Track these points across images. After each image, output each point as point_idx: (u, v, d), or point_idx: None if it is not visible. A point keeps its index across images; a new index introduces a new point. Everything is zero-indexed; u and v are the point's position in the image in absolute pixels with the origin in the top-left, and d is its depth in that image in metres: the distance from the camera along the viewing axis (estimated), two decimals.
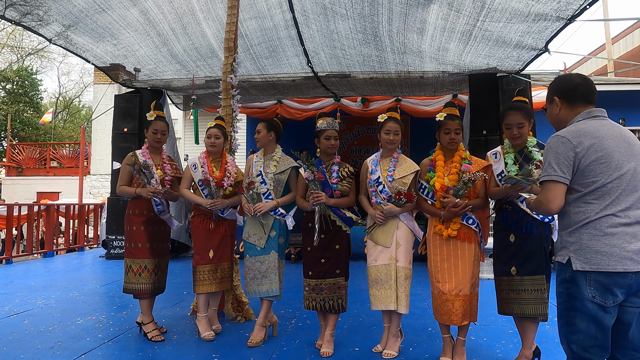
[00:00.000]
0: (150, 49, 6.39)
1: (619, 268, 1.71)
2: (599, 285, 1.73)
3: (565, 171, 1.80)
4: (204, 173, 3.47)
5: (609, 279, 1.72)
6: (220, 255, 3.50)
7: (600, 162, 1.77)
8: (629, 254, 1.71)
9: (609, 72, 12.38)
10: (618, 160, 1.77)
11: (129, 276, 3.42)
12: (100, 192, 16.91)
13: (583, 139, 1.80)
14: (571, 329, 1.80)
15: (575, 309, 1.78)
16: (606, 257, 1.73)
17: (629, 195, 1.76)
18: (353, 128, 10.55)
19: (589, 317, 1.75)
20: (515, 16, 4.54)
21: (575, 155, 1.79)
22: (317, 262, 3.17)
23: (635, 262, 1.71)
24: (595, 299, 1.74)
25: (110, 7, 5.26)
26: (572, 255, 1.80)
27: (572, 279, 1.79)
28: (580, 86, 1.95)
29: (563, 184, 1.81)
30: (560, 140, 1.83)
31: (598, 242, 1.75)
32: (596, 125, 1.85)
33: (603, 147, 1.78)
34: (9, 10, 4.73)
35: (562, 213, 1.88)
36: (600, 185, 1.77)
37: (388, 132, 3.13)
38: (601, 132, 1.82)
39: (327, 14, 5.26)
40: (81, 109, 33.11)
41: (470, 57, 5.74)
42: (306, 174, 3.15)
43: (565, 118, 1.96)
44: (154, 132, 3.52)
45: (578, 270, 1.77)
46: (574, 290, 1.78)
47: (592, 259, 1.75)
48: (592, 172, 1.78)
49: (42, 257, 8.07)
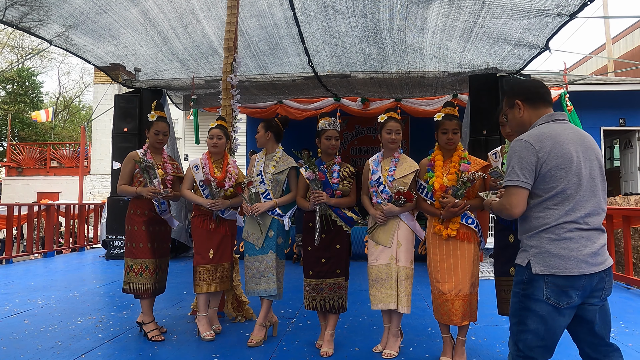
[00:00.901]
0: (151, 48, 6.39)
1: (575, 271, 1.78)
2: (555, 288, 1.80)
3: (527, 176, 1.84)
4: (205, 174, 3.47)
5: (565, 281, 1.79)
6: (220, 255, 3.51)
7: (560, 167, 1.82)
8: (584, 257, 1.79)
9: (609, 72, 12.38)
10: (577, 166, 1.83)
11: (130, 276, 3.42)
12: (100, 192, 16.91)
13: (545, 143, 1.84)
14: (521, 328, 1.87)
15: (529, 309, 1.85)
16: (564, 260, 1.79)
17: (587, 202, 1.83)
18: (353, 128, 10.56)
19: (540, 317, 1.82)
20: (517, 12, 4.53)
21: (537, 160, 1.83)
22: (318, 262, 3.18)
23: (590, 264, 1.79)
24: (549, 300, 1.80)
25: (111, 7, 5.26)
26: (532, 258, 1.86)
27: (529, 280, 1.86)
28: (540, 88, 2.01)
29: (525, 189, 1.86)
30: (523, 145, 1.87)
31: (557, 246, 1.81)
32: (558, 129, 1.89)
33: (564, 152, 1.83)
34: (9, 11, 4.73)
35: (524, 217, 1.93)
36: (560, 191, 1.82)
37: (390, 132, 3.14)
38: (562, 137, 1.86)
39: (327, 11, 5.26)
40: (81, 109, 33.13)
41: (471, 55, 5.73)
42: (307, 173, 3.15)
43: (529, 120, 2.00)
44: (155, 132, 3.52)
45: (537, 274, 1.83)
46: (530, 291, 1.85)
47: (550, 262, 1.81)
48: (553, 177, 1.83)
49: (42, 257, 8.07)
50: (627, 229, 5.53)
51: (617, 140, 11.19)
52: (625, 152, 10.50)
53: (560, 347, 3.25)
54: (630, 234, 5.64)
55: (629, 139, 10.25)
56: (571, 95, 6.72)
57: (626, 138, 10.34)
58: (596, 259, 1.81)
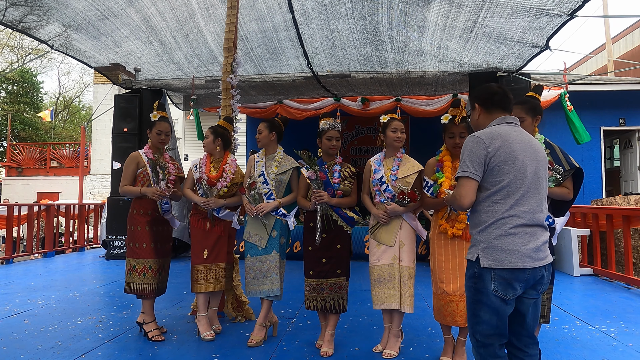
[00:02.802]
0: (152, 57, 6.45)
1: (519, 265, 1.89)
2: (502, 281, 1.91)
3: (477, 168, 1.97)
4: (200, 172, 3.48)
5: (510, 274, 1.90)
6: (215, 256, 3.50)
7: (507, 163, 1.95)
8: (528, 252, 1.91)
9: (608, 72, 12.38)
10: (522, 162, 1.96)
11: (133, 276, 3.42)
12: (100, 192, 16.92)
13: (495, 140, 1.98)
14: (476, 320, 1.99)
15: (481, 302, 1.96)
16: (509, 255, 1.91)
17: (531, 198, 1.96)
18: (353, 128, 10.55)
19: (492, 309, 1.94)
20: (517, 11, 4.53)
21: (486, 155, 1.96)
22: (319, 261, 3.18)
23: (533, 259, 1.91)
24: (497, 293, 1.92)
25: (113, 14, 5.27)
26: (481, 253, 1.97)
27: (479, 274, 1.97)
28: (497, 94, 2.13)
29: (474, 181, 1.98)
30: (475, 140, 2.01)
31: (502, 241, 1.92)
32: (508, 130, 2.04)
33: (511, 150, 1.96)
34: (9, 11, 4.72)
35: (474, 212, 2.05)
36: (505, 185, 1.95)
37: (395, 130, 3.14)
38: (511, 137, 2.00)
39: (327, 13, 5.26)
40: (81, 109, 33.12)
41: (471, 55, 5.73)
42: (308, 173, 3.15)
43: (483, 123, 2.16)
44: (158, 132, 3.52)
45: (485, 267, 1.94)
46: (480, 285, 1.96)
47: (497, 257, 1.92)
48: (500, 171, 1.95)
49: (42, 257, 8.07)
50: (627, 229, 5.53)
51: (617, 140, 11.19)
52: (625, 152, 10.50)
53: (554, 349, 3.26)
54: (630, 234, 5.63)
55: (629, 139, 10.24)
56: (571, 95, 6.70)
57: (626, 138, 10.34)
58: (538, 254, 1.93)
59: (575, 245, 6.17)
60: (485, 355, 1.98)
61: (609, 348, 3.23)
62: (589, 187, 9.23)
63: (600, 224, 6.14)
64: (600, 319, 3.94)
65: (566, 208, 2.89)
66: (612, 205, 6.68)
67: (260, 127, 3.52)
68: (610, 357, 3.06)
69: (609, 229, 5.86)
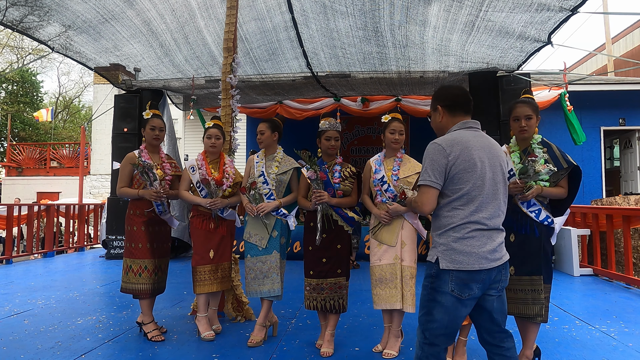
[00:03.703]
0: (153, 60, 6.47)
1: (476, 267, 1.97)
2: (459, 281, 1.98)
3: (437, 177, 2.02)
4: (202, 174, 3.47)
5: (467, 276, 1.97)
6: (220, 255, 3.51)
7: (466, 171, 2.00)
8: (484, 253, 1.98)
9: (608, 72, 12.38)
10: (481, 170, 2.01)
11: (129, 276, 3.42)
12: (100, 192, 16.92)
13: (455, 148, 2.02)
14: (429, 318, 2.04)
15: (436, 300, 2.02)
16: (466, 257, 1.98)
17: (489, 204, 2.02)
18: (353, 128, 10.55)
19: (445, 308, 2.00)
20: (518, 5, 4.54)
21: (447, 163, 2.01)
22: (319, 261, 3.18)
23: (489, 260, 1.99)
24: (454, 292, 1.98)
25: (114, 17, 5.28)
26: (440, 255, 2.03)
27: (437, 275, 2.03)
28: (460, 97, 2.17)
29: (435, 189, 2.03)
30: (436, 148, 2.04)
31: (461, 244, 1.99)
32: (469, 136, 2.08)
33: (470, 158, 2.01)
34: (10, 12, 4.73)
35: (435, 216, 2.12)
36: (465, 193, 2.01)
37: (393, 132, 3.14)
38: (471, 143, 2.04)
39: (326, 12, 5.26)
40: (81, 109, 33.12)
41: (473, 48, 5.70)
42: (309, 173, 3.15)
43: (445, 125, 2.19)
44: (151, 128, 3.52)
45: (443, 269, 2.00)
46: (437, 284, 2.03)
47: (455, 259, 1.99)
48: (460, 179, 2.01)
49: (42, 257, 8.07)
50: (627, 229, 5.53)
51: (617, 140, 11.19)
52: (625, 152, 10.50)
53: (554, 349, 3.25)
54: (630, 234, 5.63)
55: (628, 139, 10.24)
56: (571, 95, 6.71)
57: (626, 138, 10.34)
58: (494, 255, 2.01)
59: (575, 245, 6.17)
60: (429, 353, 2.03)
61: (609, 348, 3.23)
62: (589, 187, 9.23)
63: (600, 224, 6.14)
64: (600, 319, 3.94)
65: (565, 207, 2.89)
66: (612, 205, 6.68)
67: (262, 128, 3.49)
68: (610, 357, 3.06)
69: (609, 229, 5.86)
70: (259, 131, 3.49)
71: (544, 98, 7.73)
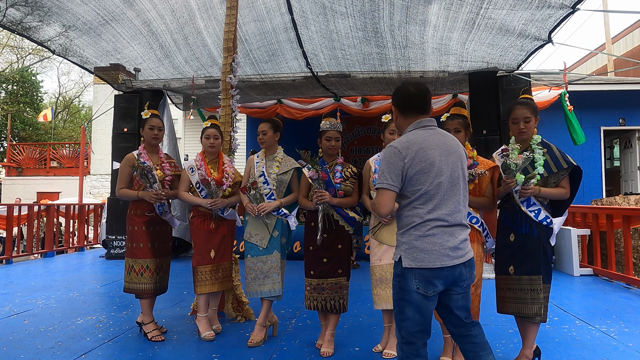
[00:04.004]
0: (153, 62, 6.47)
1: (437, 264, 1.99)
2: (422, 279, 2.01)
3: (394, 179, 2.04)
4: (201, 174, 3.46)
5: (430, 273, 2.00)
6: (221, 255, 3.51)
7: (424, 171, 2.03)
8: (446, 251, 2.01)
9: (608, 72, 12.38)
10: (438, 169, 2.04)
11: (131, 276, 3.42)
12: (100, 192, 16.92)
13: (410, 150, 2.04)
14: (402, 316, 2.07)
15: (405, 299, 2.05)
16: (428, 254, 2.00)
17: (448, 201, 2.05)
18: (353, 128, 10.56)
19: (415, 306, 2.03)
20: (519, 3, 4.53)
21: (403, 166, 2.03)
22: (319, 261, 3.18)
23: (451, 257, 2.01)
24: (419, 289, 2.01)
25: (114, 18, 5.28)
26: (403, 254, 2.06)
27: (402, 274, 2.06)
28: (411, 97, 2.16)
29: (392, 191, 2.04)
30: (392, 152, 2.07)
31: (422, 242, 2.02)
32: (424, 135, 2.10)
33: (427, 158, 2.04)
34: (10, 12, 4.73)
35: (398, 216, 2.15)
36: (423, 192, 2.03)
37: (393, 132, 3.14)
38: (427, 143, 2.07)
39: (326, 13, 5.26)
40: (81, 109, 33.11)
41: (474, 46, 5.70)
42: (310, 173, 3.15)
43: (401, 125, 2.22)
44: (150, 127, 3.52)
45: (406, 267, 2.03)
46: (404, 283, 2.05)
47: (417, 257, 2.02)
48: (418, 180, 2.03)
49: (42, 257, 8.07)
50: (627, 229, 5.53)
51: (617, 140, 11.19)
52: (625, 152, 10.50)
53: (554, 349, 3.25)
54: (630, 233, 5.63)
55: (629, 139, 10.24)
56: (571, 95, 6.71)
57: (626, 138, 10.34)
58: (457, 253, 2.02)
59: (575, 245, 6.17)
60: (408, 352, 2.06)
61: (609, 348, 3.23)
62: (589, 187, 9.23)
63: (600, 224, 6.14)
64: (600, 319, 3.94)
65: (564, 207, 2.89)
66: (612, 205, 6.68)
67: (264, 128, 3.47)
68: (610, 357, 3.06)
69: (609, 229, 5.86)
70: (261, 131, 3.48)
71: (544, 98, 7.73)
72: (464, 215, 2.11)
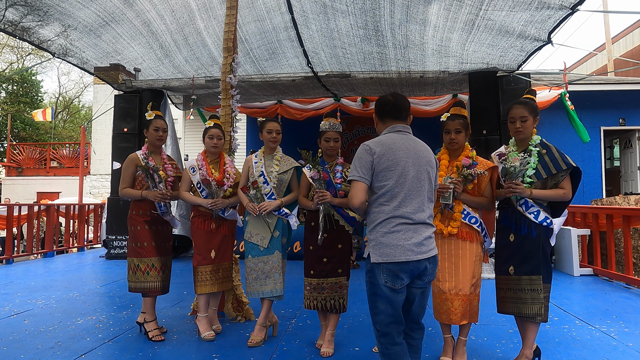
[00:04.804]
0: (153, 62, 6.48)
1: (402, 258, 2.11)
2: (389, 273, 2.13)
3: (364, 172, 2.19)
4: (202, 174, 3.46)
5: (396, 267, 2.12)
6: (222, 255, 3.51)
7: (389, 169, 2.18)
8: (410, 246, 2.13)
9: (608, 72, 12.38)
10: (404, 168, 2.18)
11: (137, 275, 3.42)
12: (100, 192, 16.93)
13: (380, 148, 2.21)
14: (375, 311, 2.18)
15: (376, 294, 2.16)
16: (393, 249, 2.12)
17: (413, 199, 2.18)
18: (353, 128, 10.55)
19: (385, 299, 2.14)
20: (519, 4, 4.54)
21: (372, 160, 2.19)
22: (320, 261, 3.18)
23: (415, 252, 2.13)
24: (387, 283, 2.13)
25: (114, 19, 5.28)
26: (371, 250, 2.19)
27: (371, 269, 2.18)
28: (387, 105, 2.36)
29: (363, 183, 2.19)
30: (364, 148, 2.25)
31: (388, 238, 2.14)
32: (395, 138, 2.27)
33: (394, 157, 2.19)
34: (9, 12, 4.72)
35: (367, 213, 2.28)
36: (389, 189, 2.17)
37: None
38: (396, 144, 2.23)
39: (327, 12, 5.26)
40: (81, 109, 33.11)
41: (474, 47, 5.70)
42: (311, 172, 3.15)
43: (379, 130, 2.41)
44: (155, 129, 3.52)
45: (374, 262, 2.15)
46: (373, 278, 2.17)
47: (384, 252, 2.14)
48: (384, 176, 2.18)
49: (42, 257, 8.07)
50: (627, 229, 5.53)
51: (617, 140, 11.19)
52: (625, 152, 10.50)
53: (554, 349, 3.25)
54: (630, 233, 5.63)
55: (629, 139, 10.24)
56: (571, 95, 6.71)
57: (626, 138, 10.34)
58: (420, 248, 2.15)
59: (575, 245, 6.17)
60: (386, 343, 2.16)
61: (609, 348, 3.23)
62: (589, 187, 9.23)
63: (600, 223, 6.14)
64: (600, 319, 3.94)
65: (563, 208, 2.90)
66: (612, 205, 6.68)
67: (276, 127, 3.44)
68: (610, 357, 3.06)
69: (609, 228, 5.86)
70: (275, 130, 3.44)
71: (544, 98, 7.73)
72: (428, 215, 2.23)
